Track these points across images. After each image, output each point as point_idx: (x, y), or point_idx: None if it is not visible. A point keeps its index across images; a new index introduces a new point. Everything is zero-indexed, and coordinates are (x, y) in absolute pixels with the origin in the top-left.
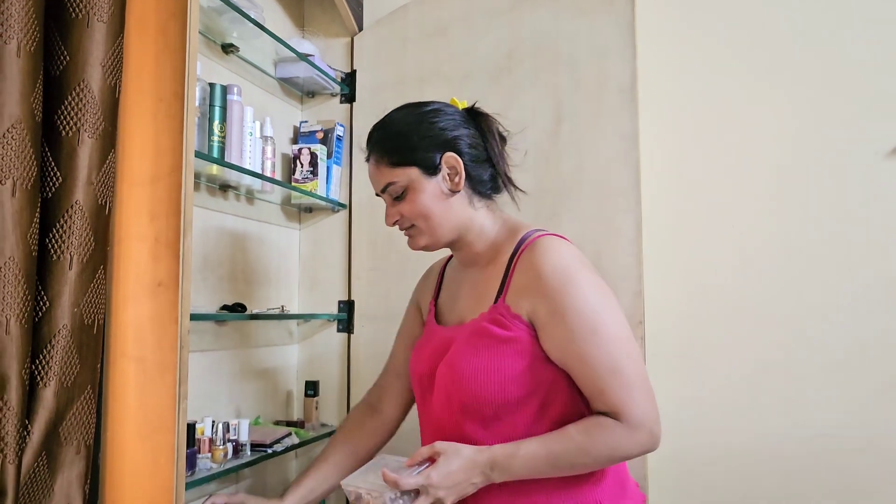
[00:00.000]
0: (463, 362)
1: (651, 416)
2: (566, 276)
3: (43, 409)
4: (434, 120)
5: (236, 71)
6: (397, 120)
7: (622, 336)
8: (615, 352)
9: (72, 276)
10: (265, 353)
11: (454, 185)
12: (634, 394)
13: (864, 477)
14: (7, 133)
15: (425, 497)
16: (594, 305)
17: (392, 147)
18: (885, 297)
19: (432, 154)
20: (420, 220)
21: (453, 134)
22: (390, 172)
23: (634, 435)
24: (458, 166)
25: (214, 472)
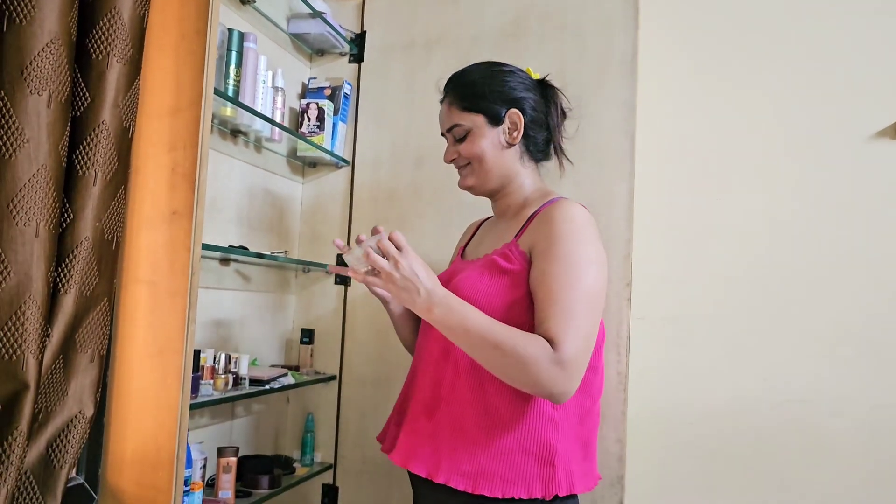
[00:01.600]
0: (464, 283)
1: (578, 365)
2: (572, 227)
3: (62, 314)
4: (506, 78)
5: (252, 22)
6: (474, 71)
7: (592, 293)
8: (580, 300)
9: (95, 192)
10: (264, 298)
11: (511, 138)
12: (575, 338)
13: (834, 439)
14: (46, 48)
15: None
16: (583, 257)
17: (465, 94)
18: (862, 273)
19: (499, 107)
20: (475, 162)
21: (520, 94)
22: (459, 115)
23: (555, 365)
24: (519, 123)
25: (215, 398)
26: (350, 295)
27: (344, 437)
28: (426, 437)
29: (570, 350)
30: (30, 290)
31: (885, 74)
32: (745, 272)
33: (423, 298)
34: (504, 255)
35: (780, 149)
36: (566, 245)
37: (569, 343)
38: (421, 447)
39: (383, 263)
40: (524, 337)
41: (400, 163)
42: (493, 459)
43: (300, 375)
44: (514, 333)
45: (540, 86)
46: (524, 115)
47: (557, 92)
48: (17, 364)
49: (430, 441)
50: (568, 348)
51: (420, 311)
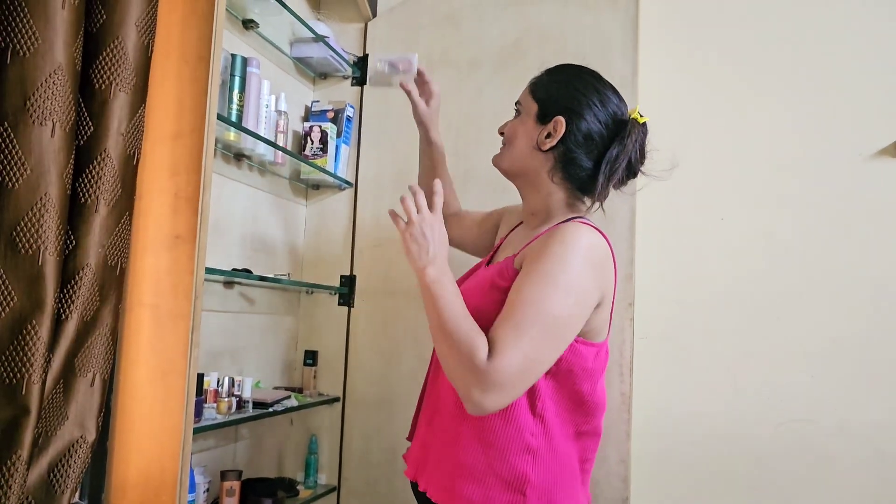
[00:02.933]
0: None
1: (503, 380)
2: (562, 249)
3: (63, 339)
4: (581, 89)
5: (255, 46)
6: (570, 69)
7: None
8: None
9: (98, 219)
10: (268, 320)
11: (543, 142)
12: (514, 353)
13: (836, 458)
14: (50, 77)
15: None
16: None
17: (542, 81)
18: (862, 292)
19: (553, 108)
20: (507, 142)
21: (581, 110)
22: (525, 95)
23: (477, 374)
24: (558, 133)
25: (219, 422)
26: (353, 317)
27: (348, 459)
28: (423, 444)
29: (501, 363)
30: (33, 316)
31: (885, 93)
32: (746, 291)
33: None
34: (500, 271)
35: (780, 168)
36: (548, 264)
37: (504, 356)
38: (418, 453)
39: (406, 214)
40: (471, 332)
41: (403, 184)
42: (465, 479)
43: (304, 397)
44: (466, 327)
45: (621, 124)
46: (571, 131)
47: (634, 137)
48: (17, 389)
49: (424, 449)
50: (500, 361)
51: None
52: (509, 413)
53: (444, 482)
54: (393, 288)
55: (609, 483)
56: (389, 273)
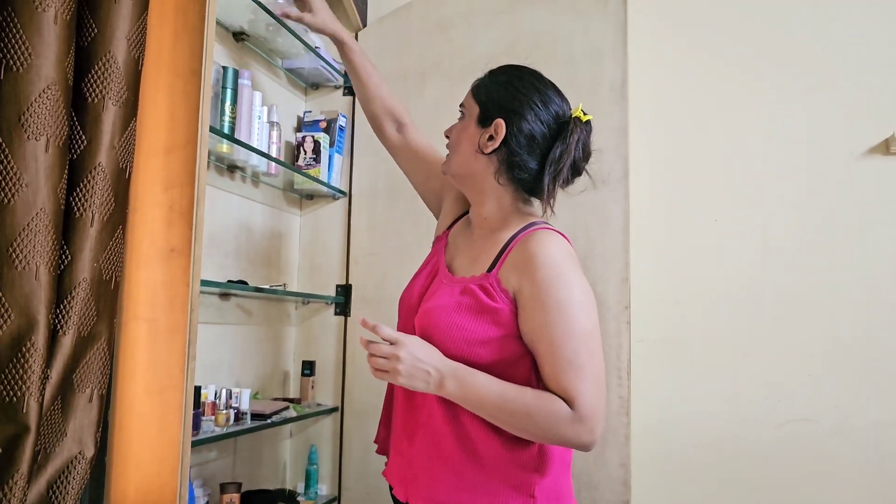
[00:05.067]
0: (442, 314)
1: (598, 414)
2: (557, 270)
3: (61, 355)
4: (524, 91)
5: (246, 58)
6: (512, 70)
7: (591, 334)
8: (582, 347)
9: (93, 233)
10: (264, 331)
11: (485, 145)
12: (588, 388)
13: (837, 458)
14: (43, 93)
15: (393, 348)
16: (574, 301)
17: (484, 83)
18: (859, 290)
19: (493, 110)
20: (451, 148)
21: (521, 111)
22: (468, 97)
23: (576, 424)
24: (499, 136)
25: (217, 434)
26: (350, 325)
27: (347, 468)
28: (408, 460)
29: (587, 404)
30: (31, 333)
31: (874, 92)
32: (744, 292)
33: (434, 379)
34: (484, 289)
35: (773, 168)
36: (555, 292)
37: (584, 397)
38: (403, 470)
39: (384, 364)
40: (538, 399)
41: (396, 193)
42: (469, 491)
43: (302, 408)
44: (527, 397)
45: (564, 124)
46: (510, 129)
47: (577, 137)
48: (17, 407)
49: (410, 466)
50: (585, 402)
51: (432, 391)
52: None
53: (441, 497)
54: (389, 296)
55: (610, 487)
56: (385, 281)
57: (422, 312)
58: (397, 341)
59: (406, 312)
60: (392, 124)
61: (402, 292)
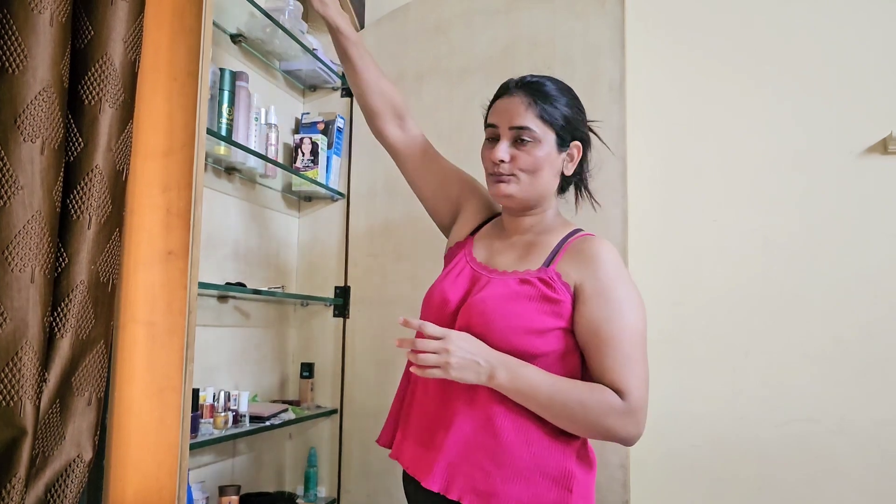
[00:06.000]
0: (499, 302)
1: (644, 407)
2: (619, 271)
3: (59, 358)
4: (581, 110)
5: (243, 60)
6: (564, 89)
7: (643, 336)
8: (637, 346)
9: (90, 236)
10: (263, 333)
11: (566, 169)
12: (640, 383)
13: (838, 458)
14: (38, 95)
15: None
16: (633, 302)
17: (551, 104)
18: (859, 289)
19: (569, 134)
20: (527, 174)
21: (586, 132)
22: (533, 120)
23: (626, 416)
24: (577, 158)
25: (216, 437)
26: (349, 327)
27: (347, 470)
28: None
29: (637, 398)
30: (26, 336)
31: (872, 91)
32: (743, 292)
33: (484, 370)
34: (544, 282)
35: (772, 167)
36: (618, 290)
37: (635, 391)
38: (436, 462)
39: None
40: (591, 391)
41: (395, 194)
42: (507, 481)
43: (301, 410)
44: (580, 389)
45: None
46: (583, 152)
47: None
48: (14, 410)
49: (444, 457)
50: (636, 396)
51: (483, 382)
52: None
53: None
54: (388, 297)
55: (610, 488)
56: (384, 283)
57: (471, 304)
58: (446, 336)
59: (438, 310)
60: (393, 119)
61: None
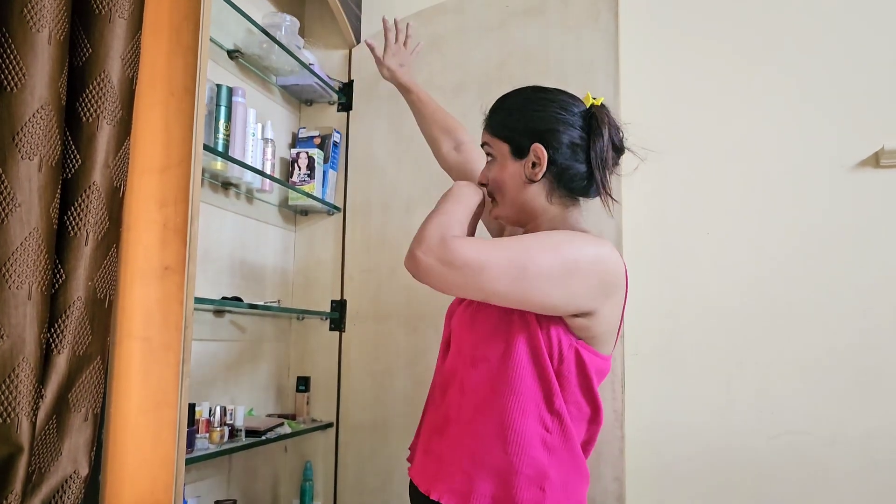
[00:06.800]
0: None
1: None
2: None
3: (56, 374)
4: (540, 108)
5: (240, 75)
6: (514, 96)
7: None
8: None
9: (87, 252)
10: (259, 347)
11: (532, 173)
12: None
13: (831, 469)
14: (37, 113)
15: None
16: (562, 253)
17: (498, 117)
18: (851, 301)
19: (524, 139)
20: (497, 193)
21: (553, 127)
22: (489, 137)
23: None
24: (543, 158)
25: (212, 452)
26: (345, 341)
27: (343, 484)
28: (436, 456)
29: (466, 245)
30: (23, 353)
31: (865, 105)
32: (736, 305)
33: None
34: None
35: (764, 180)
36: (561, 237)
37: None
38: (430, 465)
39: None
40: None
41: (390, 208)
42: (484, 480)
43: (297, 424)
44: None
45: (589, 117)
46: (550, 149)
47: (605, 122)
48: (11, 427)
49: (437, 460)
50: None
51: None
52: (528, 411)
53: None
54: (384, 312)
55: (604, 501)
56: (380, 297)
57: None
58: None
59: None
60: (449, 141)
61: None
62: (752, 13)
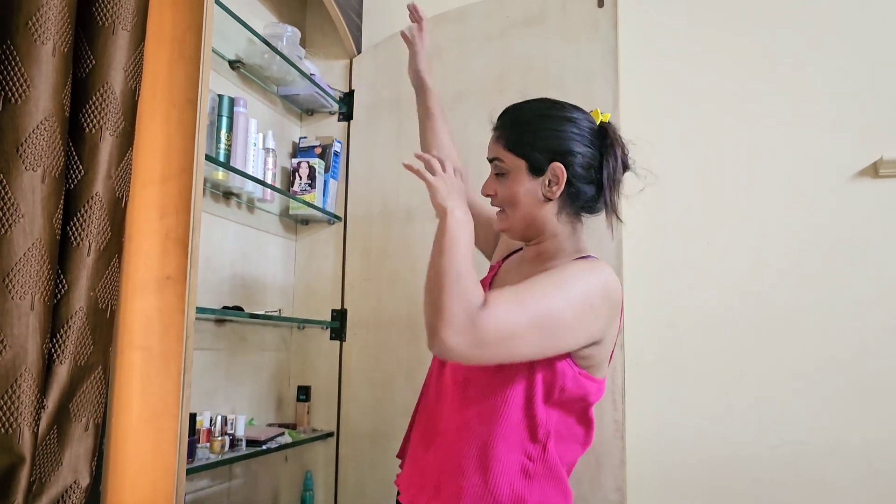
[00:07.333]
0: None
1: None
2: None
3: (57, 384)
4: (560, 127)
5: (241, 85)
6: (530, 110)
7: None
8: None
9: (89, 262)
10: (260, 356)
11: (550, 192)
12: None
13: (831, 478)
14: (40, 125)
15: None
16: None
17: (514, 132)
18: (851, 310)
19: (543, 157)
20: (508, 207)
21: (570, 147)
22: (503, 153)
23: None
24: (562, 178)
25: (212, 461)
26: (345, 350)
27: (343, 494)
28: (420, 468)
29: (492, 315)
30: (25, 363)
31: (864, 115)
32: (736, 314)
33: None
34: None
35: (764, 190)
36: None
37: (497, 312)
38: (413, 477)
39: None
40: (477, 284)
41: (391, 218)
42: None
43: (297, 434)
44: (475, 277)
45: (600, 134)
46: (569, 169)
47: (617, 143)
48: (12, 437)
49: (422, 473)
50: (492, 313)
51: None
52: (512, 440)
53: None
54: (384, 320)
55: None
56: (380, 306)
57: None
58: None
59: None
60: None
61: None
62: (751, 25)
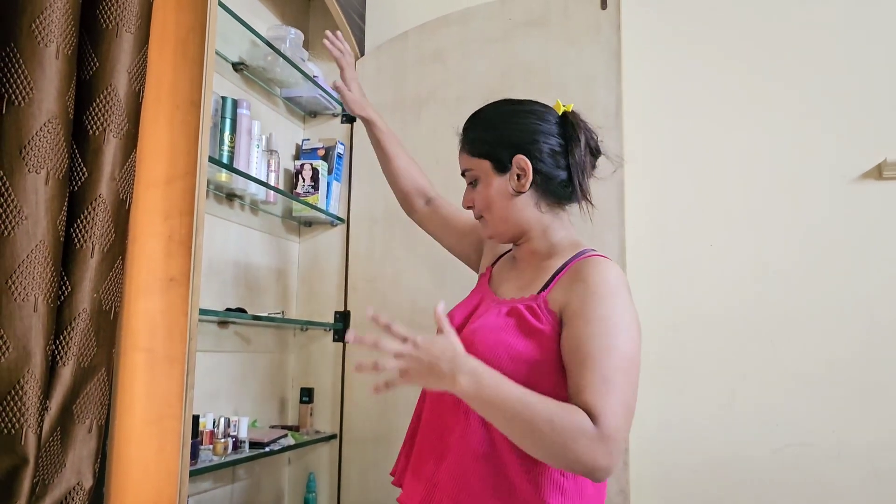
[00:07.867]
0: (489, 333)
1: (620, 438)
2: (608, 289)
3: (61, 385)
4: (517, 120)
5: (244, 87)
6: (487, 112)
7: (630, 358)
8: (619, 369)
9: (93, 264)
10: (263, 358)
11: (519, 185)
12: (617, 409)
13: (835, 482)
14: (44, 126)
15: (407, 345)
16: (620, 321)
17: (474, 137)
18: (855, 313)
19: (505, 152)
20: (485, 212)
21: (533, 137)
22: (468, 160)
23: (597, 442)
24: (527, 169)
25: (215, 463)
26: (349, 352)
27: (346, 496)
28: (432, 484)
29: (611, 423)
30: (29, 365)
31: (868, 117)
32: (739, 317)
33: (447, 376)
34: (531, 311)
35: (767, 192)
36: (602, 308)
37: (610, 416)
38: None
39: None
40: (561, 409)
41: (394, 219)
42: None
43: (300, 436)
44: (550, 406)
45: (563, 124)
46: (534, 159)
47: (581, 128)
48: (16, 439)
49: (435, 489)
50: (610, 422)
51: (446, 388)
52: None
53: None
54: None
55: None
56: (384, 307)
57: (467, 332)
58: (411, 340)
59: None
60: (421, 200)
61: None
62: (754, 26)
